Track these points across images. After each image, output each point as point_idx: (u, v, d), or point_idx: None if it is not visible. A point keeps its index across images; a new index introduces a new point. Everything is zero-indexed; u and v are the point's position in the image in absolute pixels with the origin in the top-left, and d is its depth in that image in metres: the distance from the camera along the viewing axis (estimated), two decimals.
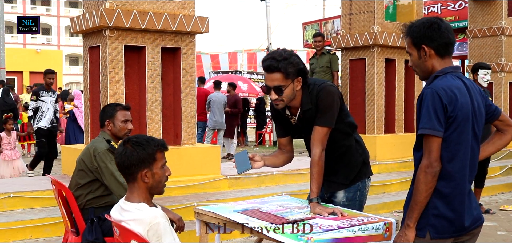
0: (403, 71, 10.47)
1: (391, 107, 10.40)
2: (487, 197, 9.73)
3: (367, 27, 10.20)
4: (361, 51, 10.33)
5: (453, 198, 3.07)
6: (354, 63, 10.50)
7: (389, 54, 10.29)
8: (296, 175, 8.68)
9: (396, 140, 10.03)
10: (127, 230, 3.15)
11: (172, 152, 7.70)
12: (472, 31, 13.51)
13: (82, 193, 4.84)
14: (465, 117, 3.04)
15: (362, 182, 4.21)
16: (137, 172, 3.25)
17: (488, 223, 7.98)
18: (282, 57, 3.83)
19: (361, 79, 10.33)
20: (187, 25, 7.84)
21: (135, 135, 3.37)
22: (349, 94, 10.54)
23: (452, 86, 3.03)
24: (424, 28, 3.16)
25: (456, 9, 19.14)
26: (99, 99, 7.55)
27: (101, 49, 7.51)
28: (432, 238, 3.09)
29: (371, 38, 9.98)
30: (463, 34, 17.96)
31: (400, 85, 10.44)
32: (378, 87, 10.11)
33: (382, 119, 10.23)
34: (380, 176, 9.58)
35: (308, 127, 3.99)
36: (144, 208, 3.21)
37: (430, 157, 2.99)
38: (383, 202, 8.39)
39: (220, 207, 4.05)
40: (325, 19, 25.12)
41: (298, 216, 3.68)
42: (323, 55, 11.24)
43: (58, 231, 6.17)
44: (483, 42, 13.34)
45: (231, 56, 33.73)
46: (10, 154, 10.67)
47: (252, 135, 21.06)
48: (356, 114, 10.21)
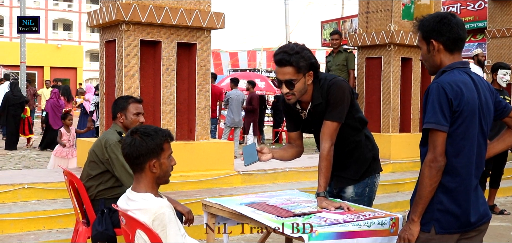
0: (419, 70, 10.40)
1: (407, 106, 10.34)
2: (503, 198, 9.64)
3: (384, 25, 10.15)
4: (377, 49, 10.28)
5: (458, 193, 3.06)
6: (370, 61, 10.46)
7: (406, 53, 10.23)
8: (309, 172, 8.66)
9: (411, 139, 9.97)
10: (133, 219, 3.18)
11: (185, 147, 7.81)
12: (491, 31, 13.40)
13: (93, 184, 4.88)
14: (471, 112, 3.02)
15: (371, 177, 4.19)
16: (146, 162, 3.27)
17: (503, 223, 7.91)
18: (293, 51, 3.83)
19: (377, 78, 10.29)
20: (203, 20, 7.86)
21: (142, 126, 3.39)
22: (365, 93, 10.50)
23: (458, 80, 3.01)
24: (434, 23, 3.15)
25: (476, 9, 18.99)
26: (114, 93, 7.59)
27: (117, 43, 7.55)
28: (437, 233, 3.08)
29: (388, 37, 9.93)
30: (482, 34, 17.83)
31: (416, 84, 10.37)
32: (394, 86, 10.06)
33: (398, 118, 10.18)
34: (394, 175, 9.54)
35: (318, 122, 3.99)
36: (149, 198, 3.24)
37: (435, 152, 2.98)
38: (396, 201, 8.35)
39: (228, 200, 4.06)
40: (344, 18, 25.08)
41: (304, 210, 3.68)
42: (339, 53, 11.23)
43: (71, 223, 6.21)
44: (502, 43, 13.22)
45: (250, 54, 33.76)
46: (67, 151, 10.16)
47: (269, 133, 21.05)
48: (371, 113, 10.19)
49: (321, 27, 26.42)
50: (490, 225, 7.10)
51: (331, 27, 24.10)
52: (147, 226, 3.11)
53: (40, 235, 6.16)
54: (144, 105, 6.19)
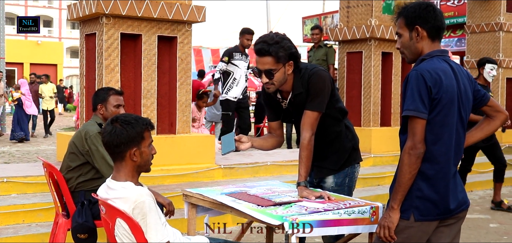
0: (400, 65, 10.45)
1: (387, 100, 10.39)
2: (482, 191, 9.73)
3: (364, 20, 10.19)
4: (358, 44, 10.32)
5: (437, 180, 3.08)
6: (351, 56, 10.49)
7: (386, 47, 10.28)
8: (291, 166, 8.68)
9: (391, 133, 10.01)
10: (113, 208, 3.16)
11: (166, 141, 7.78)
12: (471, 26, 13.50)
13: (73, 176, 4.85)
14: (450, 100, 3.04)
15: (351, 167, 4.21)
16: (126, 150, 3.26)
17: (481, 215, 7.98)
18: (273, 41, 3.84)
19: (358, 72, 10.32)
20: (184, 14, 7.83)
21: (122, 114, 3.38)
22: (346, 87, 10.53)
23: (437, 68, 3.04)
24: (420, 9, 3.18)
25: (456, 5, 19.11)
26: (95, 86, 7.54)
27: (98, 37, 7.50)
28: (416, 220, 3.10)
29: (368, 31, 9.97)
30: (461, 30, 17.96)
31: (397, 78, 10.42)
32: (375, 80, 10.10)
33: (378, 112, 10.22)
34: (375, 168, 9.59)
35: (298, 112, 4.00)
36: (129, 187, 3.22)
37: (414, 139, 3.00)
38: (377, 194, 8.39)
39: (208, 190, 4.06)
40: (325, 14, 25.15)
41: (285, 199, 3.69)
42: (320, 48, 11.25)
43: (51, 216, 6.16)
44: (481, 38, 13.33)
45: None
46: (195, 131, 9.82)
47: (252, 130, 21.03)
48: (352, 107, 10.22)
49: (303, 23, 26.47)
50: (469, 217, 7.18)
51: (313, 22, 24.13)
52: (127, 214, 3.10)
53: (19, 228, 6.11)
54: (125, 99, 6.15)
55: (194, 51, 27.33)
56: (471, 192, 9.47)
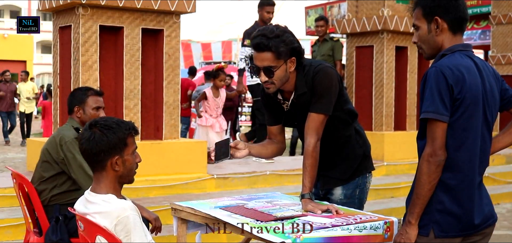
0: (416, 61, 10.47)
1: (402, 101, 10.40)
2: (510, 204, 9.75)
3: (376, 10, 10.22)
4: (368, 37, 10.34)
5: (460, 192, 3.08)
6: (360, 50, 10.51)
7: (401, 41, 10.30)
8: (293, 175, 8.69)
9: (407, 138, 10.03)
10: (93, 224, 3.17)
11: (152, 147, 7.79)
12: (496, 17, 13.53)
13: (46, 187, 4.85)
14: (474, 100, 3.04)
15: (362, 177, 4.21)
16: (107, 159, 3.26)
17: (510, 231, 8.00)
18: (273, 34, 3.84)
19: (369, 69, 10.33)
20: (171, 4, 7.85)
21: (102, 118, 3.38)
22: (355, 86, 10.54)
23: (459, 65, 3.04)
24: None
25: None
26: (70, 86, 7.55)
27: (73, 30, 7.51)
28: (436, 236, 3.10)
29: (380, 23, 9.99)
30: (486, 21, 17.99)
31: (413, 76, 10.44)
32: (388, 78, 10.12)
33: (392, 115, 10.24)
34: (388, 178, 9.59)
35: (302, 114, 4.00)
36: (112, 200, 3.23)
37: (434, 145, 3.00)
38: (391, 208, 8.40)
39: (201, 203, 4.06)
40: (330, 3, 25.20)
41: (287, 213, 3.69)
42: (325, 42, 11.26)
43: (20, 234, 6.16)
44: (508, 30, 13.35)
45: (224, 45, 33.76)
46: (212, 121, 9.71)
47: None
48: (362, 108, 10.21)
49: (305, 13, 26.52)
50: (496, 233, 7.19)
51: (317, 13, 24.17)
52: (108, 231, 3.10)
53: None
54: (105, 100, 6.15)
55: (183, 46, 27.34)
56: (498, 205, 9.49)
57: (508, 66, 13.04)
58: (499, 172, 10.50)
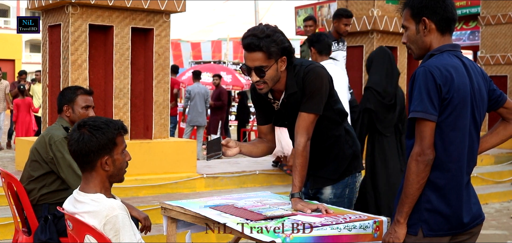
0: (405, 61, 10.52)
1: None
2: (498, 203, 9.80)
3: (365, 10, 10.25)
4: (358, 37, 10.37)
5: (448, 191, 3.10)
6: (350, 51, 10.51)
7: (390, 41, 10.33)
8: (282, 175, 8.71)
9: None
10: (81, 223, 3.16)
11: (141, 147, 7.79)
12: (485, 18, 13.58)
13: (35, 187, 4.83)
14: (462, 100, 3.06)
15: (351, 177, 4.23)
16: (97, 159, 3.25)
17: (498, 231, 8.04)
18: (264, 34, 3.85)
19: (358, 69, 10.36)
20: (161, 3, 7.85)
21: (90, 118, 3.37)
22: None
23: (448, 65, 3.06)
24: None
25: None
26: (60, 85, 7.54)
27: (63, 28, 7.50)
28: (425, 235, 3.11)
29: (370, 23, 10.02)
30: (475, 21, 18.06)
31: (402, 76, 10.45)
32: None
33: None
34: None
35: (292, 114, 4.01)
36: (100, 199, 3.22)
37: (422, 144, 3.02)
38: None
39: (190, 203, 4.07)
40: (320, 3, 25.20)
41: (277, 213, 3.70)
42: None
43: (9, 233, 6.16)
44: (497, 31, 13.41)
45: (214, 44, 33.73)
46: None
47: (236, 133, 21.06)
48: None
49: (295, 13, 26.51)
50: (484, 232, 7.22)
51: (306, 12, 24.19)
52: (97, 230, 3.10)
53: None
54: (95, 99, 6.16)
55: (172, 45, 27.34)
56: (486, 204, 9.54)
57: (497, 67, 13.10)
58: (487, 172, 10.56)
